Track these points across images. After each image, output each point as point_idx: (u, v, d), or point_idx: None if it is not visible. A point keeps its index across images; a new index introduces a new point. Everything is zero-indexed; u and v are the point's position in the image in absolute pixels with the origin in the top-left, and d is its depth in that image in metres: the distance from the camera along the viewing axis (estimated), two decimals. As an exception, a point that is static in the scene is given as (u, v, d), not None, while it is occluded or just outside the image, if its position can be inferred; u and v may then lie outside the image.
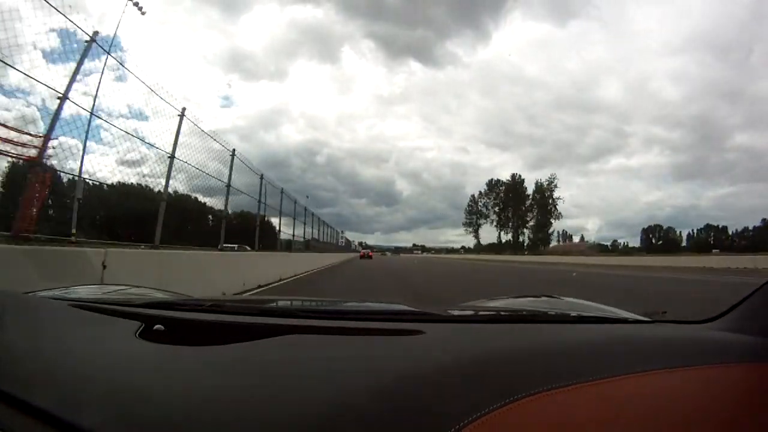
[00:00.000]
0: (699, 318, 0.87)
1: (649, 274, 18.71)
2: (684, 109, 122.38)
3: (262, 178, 13.09)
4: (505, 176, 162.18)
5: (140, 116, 7.19)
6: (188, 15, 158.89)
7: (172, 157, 7.53)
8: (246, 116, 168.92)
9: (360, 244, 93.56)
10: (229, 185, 10.24)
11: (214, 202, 10.14)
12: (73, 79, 5.26)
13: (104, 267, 4.08)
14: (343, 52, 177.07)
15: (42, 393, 0.56)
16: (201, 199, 10.03)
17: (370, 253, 52.57)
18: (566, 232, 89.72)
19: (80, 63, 5.46)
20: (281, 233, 15.87)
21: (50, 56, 5.36)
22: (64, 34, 5.49)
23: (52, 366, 0.64)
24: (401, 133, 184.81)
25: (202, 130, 8.74)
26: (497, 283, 12.83)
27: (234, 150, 10.42)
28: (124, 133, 6.60)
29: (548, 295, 1.33)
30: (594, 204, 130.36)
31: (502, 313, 1.06)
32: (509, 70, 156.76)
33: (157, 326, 0.78)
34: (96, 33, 5.81)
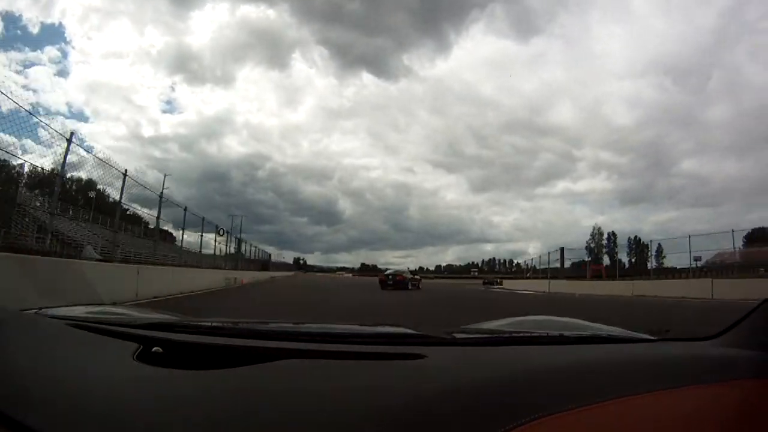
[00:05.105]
0: (702, 335, 0.87)
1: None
2: (636, 134, 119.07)
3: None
4: (450, 198, 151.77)
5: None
6: (134, 5, 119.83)
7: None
8: (188, 123, 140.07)
9: (297, 261, 72.53)
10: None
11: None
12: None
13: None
14: (293, 59, 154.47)
15: (36, 414, 0.57)
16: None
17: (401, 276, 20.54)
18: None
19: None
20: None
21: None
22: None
23: (46, 386, 0.65)
24: (347, 149, 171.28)
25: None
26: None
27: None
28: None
29: (550, 316, 1.33)
30: (537, 228, 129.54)
31: (504, 335, 1.04)
32: (464, 87, 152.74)
33: (155, 348, 0.77)
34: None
